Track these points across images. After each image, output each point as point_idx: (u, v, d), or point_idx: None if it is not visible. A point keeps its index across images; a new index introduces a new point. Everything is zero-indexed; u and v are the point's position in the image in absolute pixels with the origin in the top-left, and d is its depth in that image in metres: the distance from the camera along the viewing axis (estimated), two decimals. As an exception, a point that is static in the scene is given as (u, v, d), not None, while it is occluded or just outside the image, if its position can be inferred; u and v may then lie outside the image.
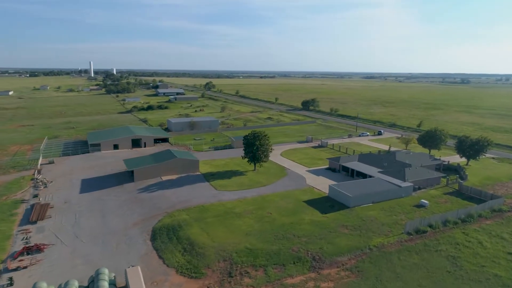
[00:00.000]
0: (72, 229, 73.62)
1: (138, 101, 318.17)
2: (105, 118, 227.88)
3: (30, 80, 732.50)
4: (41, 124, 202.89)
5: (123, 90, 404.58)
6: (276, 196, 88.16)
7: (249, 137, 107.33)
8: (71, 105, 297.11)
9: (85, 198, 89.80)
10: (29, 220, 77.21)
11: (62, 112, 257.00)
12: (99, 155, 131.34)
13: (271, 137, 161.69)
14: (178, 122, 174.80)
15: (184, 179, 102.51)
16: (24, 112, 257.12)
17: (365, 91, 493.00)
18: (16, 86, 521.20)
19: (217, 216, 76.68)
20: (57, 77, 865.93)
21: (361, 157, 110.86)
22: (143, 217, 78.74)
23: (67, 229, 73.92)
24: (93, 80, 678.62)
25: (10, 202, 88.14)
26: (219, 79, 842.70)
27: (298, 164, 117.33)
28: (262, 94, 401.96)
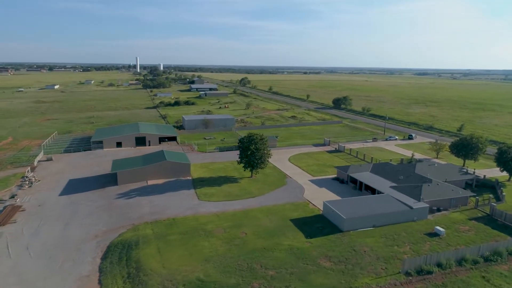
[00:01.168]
0: (27, 239, 67.05)
1: (168, 96, 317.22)
2: (128, 113, 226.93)
3: (80, 74, 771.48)
4: (65, 118, 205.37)
5: (158, 85, 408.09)
6: (261, 212, 76.15)
7: (244, 140, 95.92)
8: (104, 100, 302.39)
9: (61, 202, 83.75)
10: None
11: (92, 107, 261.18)
12: (100, 153, 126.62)
13: (287, 138, 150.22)
14: (191, 120, 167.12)
15: (171, 184, 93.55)
16: (57, 106, 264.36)
17: (410, 88, 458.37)
18: (65, 80, 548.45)
19: (183, 234, 66.47)
20: (106, 72, 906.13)
21: (375, 167, 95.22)
22: (108, 228, 70.59)
23: (23, 238, 67.52)
24: (137, 75, 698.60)
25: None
26: (257, 74, 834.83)
27: (303, 172, 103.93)
28: (296, 90, 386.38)
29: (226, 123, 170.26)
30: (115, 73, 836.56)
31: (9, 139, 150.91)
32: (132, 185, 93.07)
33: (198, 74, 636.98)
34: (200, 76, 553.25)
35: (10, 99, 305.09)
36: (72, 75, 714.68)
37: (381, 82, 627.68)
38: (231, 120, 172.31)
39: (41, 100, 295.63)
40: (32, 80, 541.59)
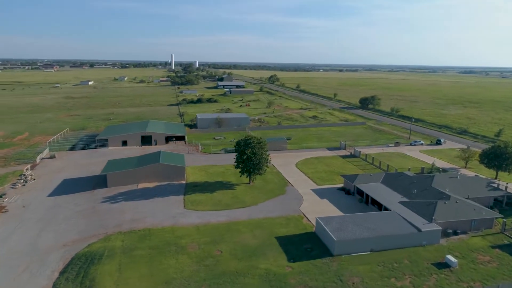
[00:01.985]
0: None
1: (193, 93, 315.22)
2: (149, 110, 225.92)
3: (117, 71, 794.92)
4: (86, 115, 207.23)
5: (187, 82, 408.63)
6: (247, 225, 68.14)
7: (241, 143, 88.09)
8: (131, 96, 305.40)
9: (45, 204, 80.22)
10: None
11: (117, 103, 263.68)
12: (104, 151, 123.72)
13: (302, 140, 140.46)
14: (204, 118, 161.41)
15: (161, 188, 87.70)
16: (84, 102, 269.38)
17: (450, 88, 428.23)
18: (101, 77, 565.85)
19: (152, 248, 59.95)
20: (143, 69, 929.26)
21: (387, 178, 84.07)
22: (80, 236, 65.56)
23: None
24: (171, 72, 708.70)
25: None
26: (291, 72, 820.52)
27: (308, 179, 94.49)
28: (325, 89, 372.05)
29: (240, 122, 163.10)
30: (150, 70, 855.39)
31: (25, 135, 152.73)
32: (122, 188, 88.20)
33: (229, 71, 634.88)
34: (230, 74, 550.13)
35: (44, 95, 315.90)
36: (110, 72, 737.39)
37: (419, 80, 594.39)
38: (245, 119, 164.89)
39: (71, 96, 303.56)
40: (71, 76, 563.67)
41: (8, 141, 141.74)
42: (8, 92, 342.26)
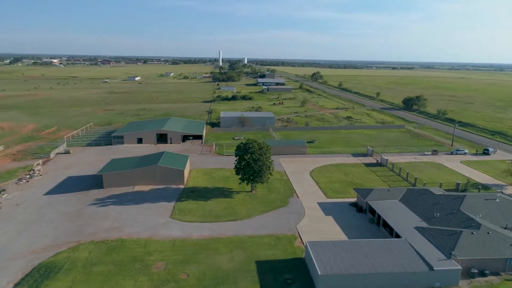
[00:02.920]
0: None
1: (231, 90, 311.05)
2: (180, 106, 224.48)
3: (167, 67, 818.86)
4: (120, 110, 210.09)
5: (228, 78, 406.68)
6: (229, 243, 59.75)
7: (240, 147, 79.61)
8: (169, 92, 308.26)
9: (38, 203, 77.80)
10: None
11: (154, 99, 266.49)
12: (117, 148, 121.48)
13: (327, 144, 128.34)
14: (227, 117, 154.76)
15: (156, 193, 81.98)
16: (124, 97, 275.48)
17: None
18: (149, 73, 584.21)
19: (115, 264, 53.74)
20: (192, 65, 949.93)
21: (408, 195, 71.12)
22: (53, 242, 61.35)
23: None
24: (217, 68, 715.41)
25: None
26: (340, 69, 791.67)
27: (318, 190, 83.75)
28: (370, 87, 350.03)
29: (265, 122, 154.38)
30: (198, 67, 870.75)
31: (53, 128, 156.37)
32: (117, 190, 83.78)
33: (273, 68, 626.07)
34: (274, 70, 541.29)
35: (91, 89, 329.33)
36: (160, 68, 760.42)
37: (479, 79, 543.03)
38: (270, 118, 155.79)
39: (114, 91, 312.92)
40: (122, 72, 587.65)
41: (36, 134, 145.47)
42: (60, 86, 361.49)
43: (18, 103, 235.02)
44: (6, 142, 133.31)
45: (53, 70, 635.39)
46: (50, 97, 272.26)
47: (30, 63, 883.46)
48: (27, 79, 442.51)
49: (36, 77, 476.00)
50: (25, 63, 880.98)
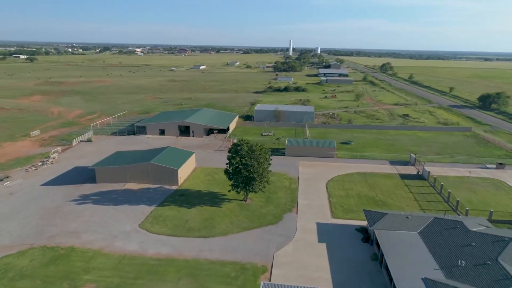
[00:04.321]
0: None
1: (287, 81, 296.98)
2: (228, 96, 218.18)
3: (237, 56, 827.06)
4: (167, 98, 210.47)
5: (289, 68, 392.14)
6: (181, 268, 49.36)
7: (232, 148, 68.08)
8: (225, 81, 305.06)
9: (30, 194, 75.24)
10: None
11: (207, 88, 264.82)
12: (138, 139, 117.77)
13: (365, 146, 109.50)
14: (261, 110, 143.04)
15: (143, 193, 74.66)
16: (181, 85, 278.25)
17: None
18: (216, 62, 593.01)
19: (45, 281, 46.86)
20: (261, 55, 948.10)
21: (432, 226, 53.52)
22: (12, 242, 56.93)
23: None
24: (286, 58, 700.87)
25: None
26: (422, 60, 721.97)
27: (326, 206, 68.89)
28: (446, 81, 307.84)
29: (302, 117, 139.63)
30: (268, 56, 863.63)
31: (95, 115, 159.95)
32: (106, 186, 78.41)
33: (342, 58, 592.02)
34: (342, 61, 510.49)
35: (155, 77, 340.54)
36: (230, 57, 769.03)
37: None
38: (309, 114, 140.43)
39: (174, 79, 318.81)
40: (192, 61, 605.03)
41: (76, 120, 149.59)
42: (130, 74, 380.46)
43: (83, 89, 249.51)
44: (47, 127, 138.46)
45: (131, 58, 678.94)
46: (114, 84, 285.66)
47: (116, 52, 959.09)
48: (106, 67, 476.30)
49: (114, 65, 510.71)
50: (112, 52, 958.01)
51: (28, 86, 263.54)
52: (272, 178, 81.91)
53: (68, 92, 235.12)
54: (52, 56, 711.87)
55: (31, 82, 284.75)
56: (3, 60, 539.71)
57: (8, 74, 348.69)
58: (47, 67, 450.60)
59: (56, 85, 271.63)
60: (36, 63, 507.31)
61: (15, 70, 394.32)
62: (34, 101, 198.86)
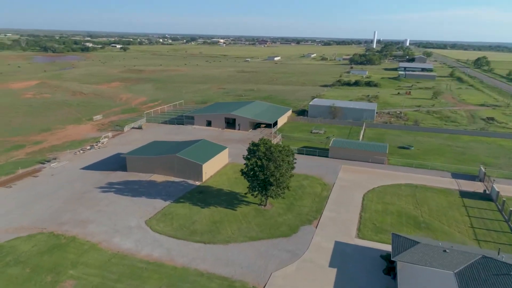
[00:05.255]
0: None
1: (361, 74, 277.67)
2: (291, 89, 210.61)
3: (316, 48, 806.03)
4: (230, 88, 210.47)
5: (367, 61, 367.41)
6: (166, 277, 45.30)
7: (250, 149, 61.77)
8: (295, 73, 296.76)
9: (67, 177, 78.33)
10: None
11: (274, 79, 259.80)
12: (185, 129, 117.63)
13: (427, 153, 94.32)
14: (316, 105, 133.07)
15: (164, 186, 72.62)
16: (248, 76, 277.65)
17: None
18: (292, 53, 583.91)
19: (34, 270, 46.58)
20: (342, 46, 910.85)
21: (474, 268, 41.41)
22: (29, 224, 58.77)
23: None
24: (368, 51, 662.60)
25: (33, 161, 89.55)
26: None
27: (354, 222, 59.04)
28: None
29: (361, 114, 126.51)
30: (349, 48, 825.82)
31: (157, 103, 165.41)
32: (135, 176, 78.30)
33: (430, 51, 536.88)
34: (430, 54, 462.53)
35: (228, 67, 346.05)
36: (309, 48, 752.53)
37: None
38: (369, 111, 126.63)
39: (244, 70, 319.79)
40: (268, 52, 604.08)
41: (138, 107, 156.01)
42: (206, 63, 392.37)
43: (158, 77, 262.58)
44: (111, 112, 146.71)
45: (212, 49, 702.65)
46: (187, 73, 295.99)
47: (201, 42, 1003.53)
48: (186, 56, 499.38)
49: (194, 55, 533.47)
50: (197, 42, 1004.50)
51: (113, 73, 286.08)
52: (303, 182, 74.26)
53: (144, 79, 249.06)
54: (143, 46, 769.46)
55: (117, 69, 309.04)
56: (103, 49, 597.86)
57: (102, 62, 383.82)
58: (135, 56, 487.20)
59: (136, 72, 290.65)
60: (128, 52, 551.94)
61: (109, 58, 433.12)
62: (111, 87, 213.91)
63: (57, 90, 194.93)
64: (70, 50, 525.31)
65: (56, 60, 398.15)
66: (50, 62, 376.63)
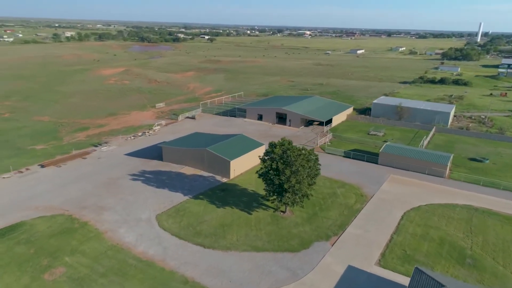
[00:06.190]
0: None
1: (452, 71, 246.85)
2: (363, 84, 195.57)
3: (408, 41, 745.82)
4: (298, 82, 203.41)
5: (462, 57, 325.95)
6: (146, 280, 42.94)
7: (267, 150, 56.13)
8: (374, 68, 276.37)
9: (111, 161, 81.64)
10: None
11: (350, 74, 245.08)
12: (236, 121, 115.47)
13: (508, 169, 76.32)
14: (380, 104, 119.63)
15: (190, 181, 71.02)
16: (323, 69, 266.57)
17: None
18: (379, 46, 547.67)
19: (36, 252, 48.19)
20: (439, 40, 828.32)
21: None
22: (59, 205, 61.80)
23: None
24: (470, 43, 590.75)
25: (88, 143, 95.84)
26: None
27: (380, 246, 50.03)
28: None
29: (433, 117, 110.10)
30: (446, 41, 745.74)
31: (219, 93, 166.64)
32: (167, 166, 78.33)
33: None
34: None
35: (304, 60, 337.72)
36: (399, 42, 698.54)
37: None
38: (443, 114, 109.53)
39: (320, 63, 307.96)
40: (353, 45, 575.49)
41: (201, 97, 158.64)
42: (285, 55, 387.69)
43: (232, 68, 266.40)
44: (175, 100, 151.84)
45: (295, 40, 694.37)
46: (262, 64, 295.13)
47: (286, 34, 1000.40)
48: (268, 48, 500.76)
49: (276, 47, 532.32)
50: (282, 34, 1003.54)
51: (193, 63, 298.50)
52: (338, 190, 66.45)
53: (218, 70, 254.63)
54: (230, 37, 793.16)
55: (197, 60, 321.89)
56: (192, 40, 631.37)
57: (187, 52, 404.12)
58: (220, 46, 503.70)
59: (213, 63, 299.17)
60: (214, 43, 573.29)
61: (194, 48, 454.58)
62: (185, 76, 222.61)
63: (137, 78, 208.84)
64: (163, 41, 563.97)
65: (149, 49, 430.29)
66: (143, 51, 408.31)
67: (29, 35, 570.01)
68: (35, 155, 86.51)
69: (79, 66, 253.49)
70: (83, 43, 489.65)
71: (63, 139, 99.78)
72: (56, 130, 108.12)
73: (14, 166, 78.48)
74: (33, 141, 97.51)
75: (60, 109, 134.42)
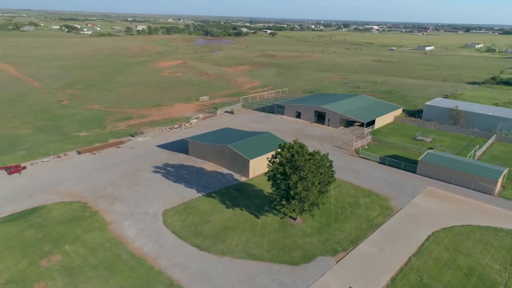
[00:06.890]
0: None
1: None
2: (421, 84, 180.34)
3: (489, 37, 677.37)
4: (351, 79, 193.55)
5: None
6: (133, 279, 41.88)
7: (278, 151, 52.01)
8: (440, 66, 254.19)
9: (142, 152, 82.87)
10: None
11: (410, 72, 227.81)
12: (273, 118, 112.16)
13: None
14: (433, 106, 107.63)
15: (208, 177, 69.57)
16: (381, 67, 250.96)
17: None
18: (451, 42, 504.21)
19: (44, 237, 49.81)
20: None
21: None
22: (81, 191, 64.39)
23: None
24: None
25: (127, 133, 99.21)
26: None
27: (391, 267, 43.87)
28: None
29: (495, 123, 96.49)
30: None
31: (265, 88, 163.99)
32: (190, 160, 77.86)
33: None
34: None
35: (363, 56, 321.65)
36: (477, 38, 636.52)
37: None
38: (507, 120, 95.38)
39: (380, 60, 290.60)
40: (423, 40, 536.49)
41: (246, 91, 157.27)
42: (345, 51, 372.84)
43: (285, 63, 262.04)
44: (219, 94, 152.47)
45: (359, 36, 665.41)
46: (318, 60, 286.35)
47: (352, 29, 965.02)
48: (329, 43, 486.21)
49: (337, 42, 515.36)
50: (348, 29, 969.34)
51: (249, 57, 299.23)
52: (362, 199, 60.65)
53: (272, 64, 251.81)
54: (292, 32, 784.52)
55: (254, 54, 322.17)
56: (254, 34, 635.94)
57: (246, 46, 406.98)
58: (280, 41, 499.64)
59: (268, 57, 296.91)
60: (275, 38, 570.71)
61: (254, 43, 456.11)
62: (237, 70, 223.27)
63: (190, 70, 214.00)
64: (226, 35, 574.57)
65: (210, 43, 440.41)
66: (204, 45, 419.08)
67: (105, 28, 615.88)
68: (76, 141, 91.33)
69: (141, 58, 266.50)
70: (152, 36, 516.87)
71: (105, 128, 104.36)
72: (103, 119, 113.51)
73: (56, 151, 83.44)
74: (80, 127, 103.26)
75: (112, 98, 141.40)
